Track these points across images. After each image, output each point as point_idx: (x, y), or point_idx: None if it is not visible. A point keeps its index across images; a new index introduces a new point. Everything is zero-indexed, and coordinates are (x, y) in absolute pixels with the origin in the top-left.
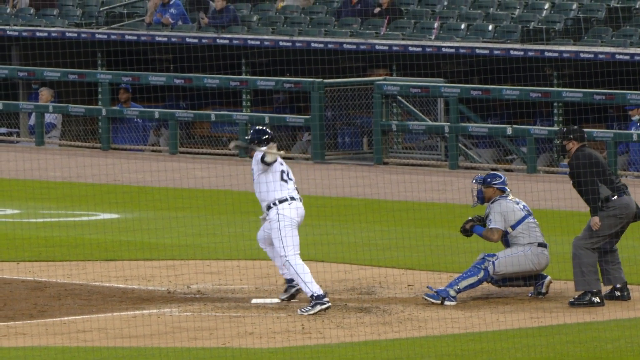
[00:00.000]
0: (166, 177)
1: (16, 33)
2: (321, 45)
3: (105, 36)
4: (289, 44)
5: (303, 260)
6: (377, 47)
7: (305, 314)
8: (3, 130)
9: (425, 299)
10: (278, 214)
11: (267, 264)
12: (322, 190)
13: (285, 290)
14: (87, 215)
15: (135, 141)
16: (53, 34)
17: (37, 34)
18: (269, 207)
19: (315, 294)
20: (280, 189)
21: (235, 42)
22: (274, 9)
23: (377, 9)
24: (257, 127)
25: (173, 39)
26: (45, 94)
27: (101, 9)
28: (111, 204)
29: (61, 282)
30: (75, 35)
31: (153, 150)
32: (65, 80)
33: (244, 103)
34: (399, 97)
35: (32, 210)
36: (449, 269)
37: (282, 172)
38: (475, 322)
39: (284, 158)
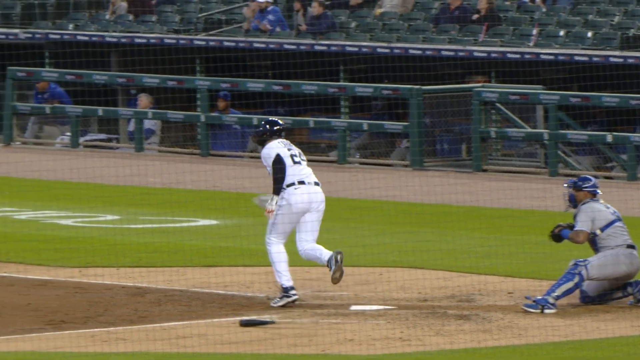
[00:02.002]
0: (265, 183)
1: (115, 39)
2: (419, 52)
3: (204, 42)
4: (387, 50)
5: (400, 267)
6: (475, 53)
7: (275, 305)
8: (102, 136)
9: (525, 309)
10: (282, 197)
11: (366, 271)
12: (420, 197)
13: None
14: (187, 221)
15: (234, 147)
16: (152, 40)
17: (136, 40)
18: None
19: (284, 286)
20: (291, 174)
21: (333, 48)
22: (372, 16)
23: (476, 16)
24: (269, 119)
25: (271, 45)
26: (143, 100)
27: (200, 15)
28: (210, 210)
29: (161, 288)
30: (174, 41)
31: (252, 157)
32: (163, 87)
33: (342, 109)
34: (498, 104)
35: (132, 216)
36: (550, 276)
37: (293, 155)
38: (576, 330)
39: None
